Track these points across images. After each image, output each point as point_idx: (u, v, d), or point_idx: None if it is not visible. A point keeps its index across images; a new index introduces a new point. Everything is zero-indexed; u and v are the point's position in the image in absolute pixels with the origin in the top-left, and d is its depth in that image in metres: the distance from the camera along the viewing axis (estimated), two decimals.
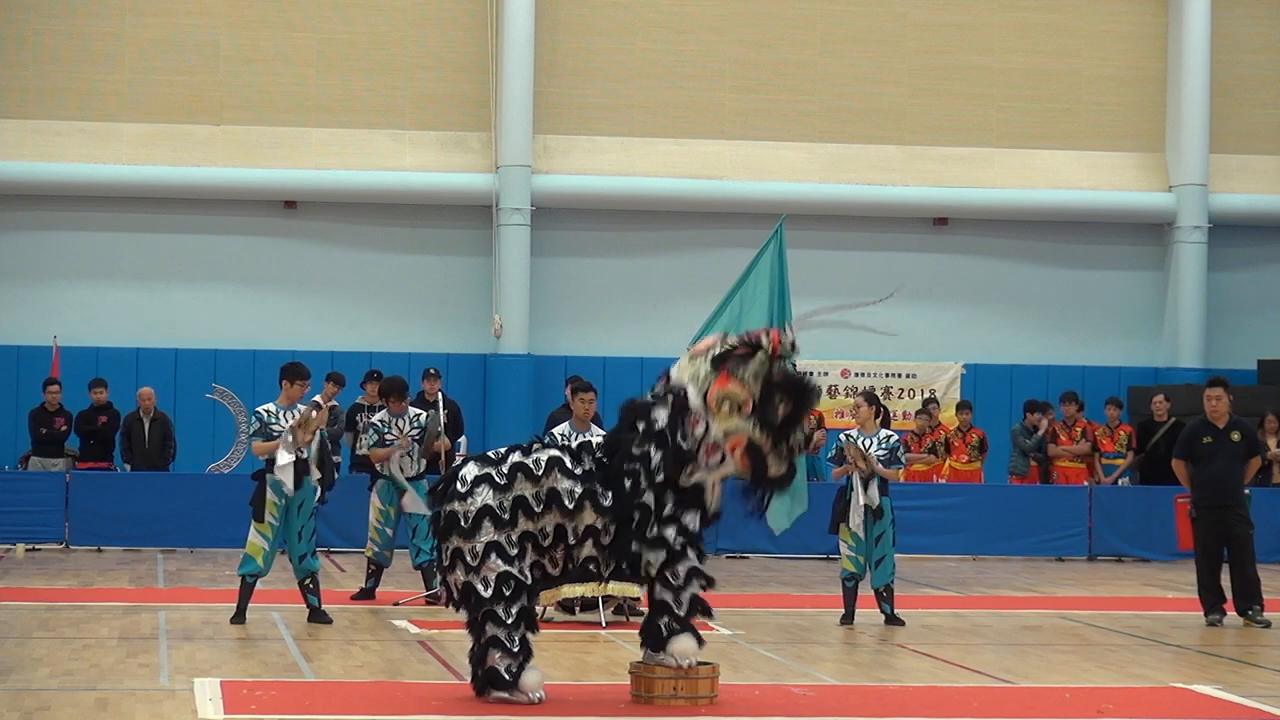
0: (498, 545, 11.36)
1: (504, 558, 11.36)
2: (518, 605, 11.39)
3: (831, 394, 28.05)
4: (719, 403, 11.53)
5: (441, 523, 11.54)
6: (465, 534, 11.39)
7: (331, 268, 27.85)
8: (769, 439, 11.58)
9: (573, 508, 11.45)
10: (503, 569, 11.35)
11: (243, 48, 27.61)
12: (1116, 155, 29.28)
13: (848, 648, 15.38)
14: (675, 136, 28.37)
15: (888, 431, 16.80)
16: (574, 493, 11.46)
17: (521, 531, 11.41)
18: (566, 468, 11.53)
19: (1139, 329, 29.38)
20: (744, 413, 11.56)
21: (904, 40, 28.83)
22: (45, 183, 27.16)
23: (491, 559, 11.35)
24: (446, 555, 11.52)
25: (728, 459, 11.55)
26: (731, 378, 11.58)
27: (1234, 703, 12.32)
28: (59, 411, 24.35)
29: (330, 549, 22.16)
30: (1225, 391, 17.36)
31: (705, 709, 11.49)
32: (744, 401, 11.56)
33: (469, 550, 11.37)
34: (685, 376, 11.70)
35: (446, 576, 11.57)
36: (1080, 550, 24.19)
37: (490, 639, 11.40)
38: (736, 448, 11.53)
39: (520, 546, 11.40)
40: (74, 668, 13.08)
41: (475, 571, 11.36)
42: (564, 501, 11.45)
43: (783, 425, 11.60)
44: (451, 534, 11.46)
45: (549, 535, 11.46)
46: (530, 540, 11.43)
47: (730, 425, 11.54)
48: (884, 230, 28.87)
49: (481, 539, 11.36)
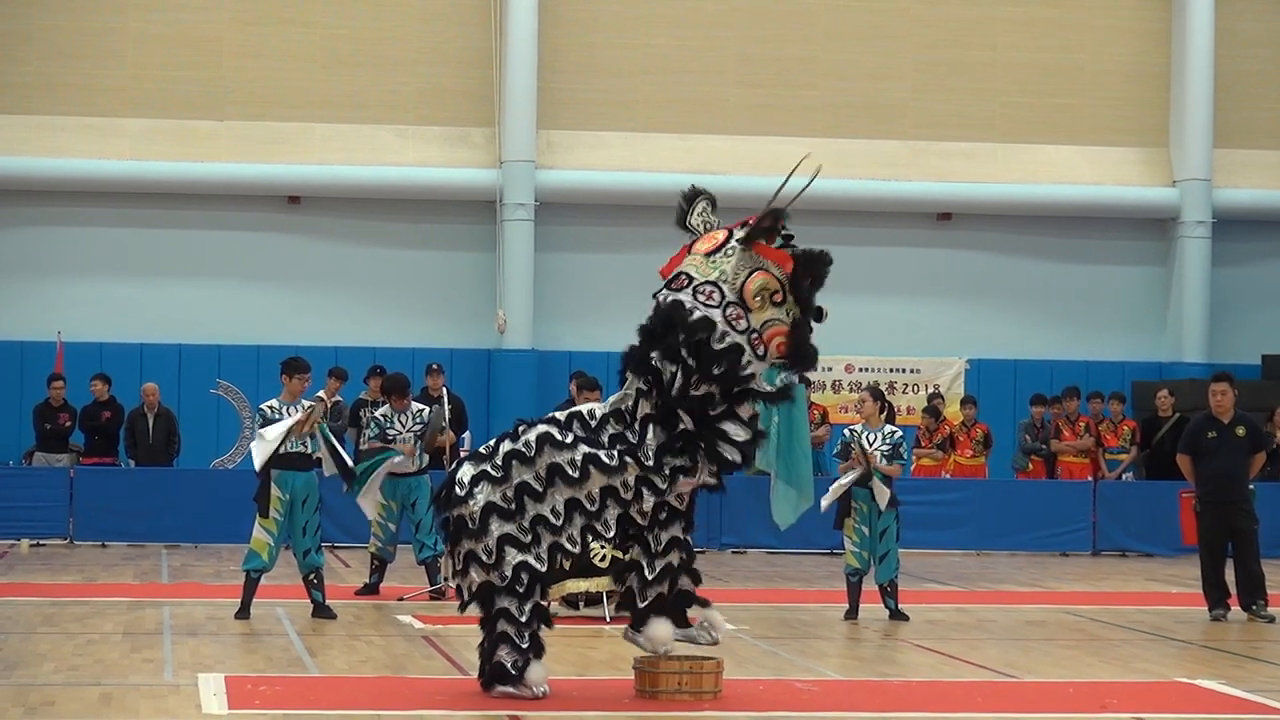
0: (510, 537, 11.30)
1: (518, 547, 11.29)
2: (531, 602, 11.32)
3: (836, 389, 28.05)
4: (755, 295, 11.48)
5: (450, 529, 11.49)
6: (474, 535, 11.32)
7: (335, 263, 27.85)
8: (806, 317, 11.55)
9: (578, 476, 11.38)
10: (519, 559, 11.28)
11: (246, 43, 27.62)
12: (1120, 150, 29.27)
13: (852, 643, 15.38)
14: (679, 132, 28.37)
15: (892, 427, 16.78)
16: (575, 461, 11.39)
17: (532, 517, 11.35)
18: (557, 440, 11.45)
19: (1143, 324, 29.38)
20: (776, 299, 11.52)
21: (907, 35, 28.82)
22: (49, 178, 27.16)
23: (506, 552, 11.30)
24: (459, 559, 11.44)
25: (769, 350, 11.49)
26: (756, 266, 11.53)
27: (1238, 697, 12.32)
28: (63, 407, 24.38)
29: (334, 544, 22.16)
30: (1230, 386, 17.36)
31: (709, 704, 11.48)
32: (776, 290, 11.53)
33: (482, 549, 11.31)
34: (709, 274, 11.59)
35: (461, 581, 11.49)
36: (1084, 545, 24.19)
37: (500, 635, 11.35)
38: (775, 336, 11.48)
39: (533, 533, 11.33)
40: (78, 663, 13.08)
41: (493, 569, 11.29)
42: (568, 473, 11.38)
43: (812, 298, 11.58)
44: (461, 538, 11.40)
45: (560, 513, 11.36)
46: (542, 524, 11.35)
47: (767, 315, 11.49)
48: (887, 225, 28.86)
49: (493, 535, 11.30)
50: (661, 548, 11.52)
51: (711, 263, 11.63)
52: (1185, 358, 28.76)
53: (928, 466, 24.98)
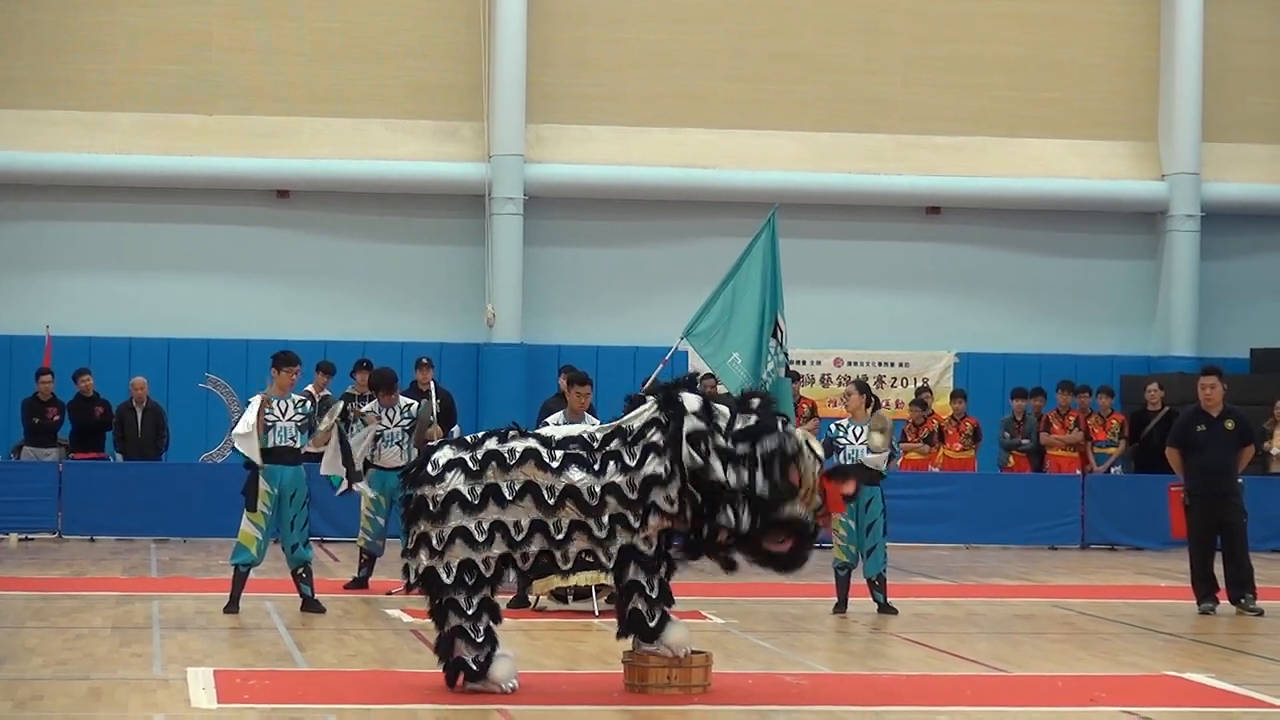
0: (465, 531, 11.27)
1: (470, 544, 11.26)
2: (479, 596, 11.31)
3: (825, 382, 28.06)
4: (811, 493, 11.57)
5: (411, 506, 11.45)
6: (433, 518, 11.30)
7: (324, 257, 27.84)
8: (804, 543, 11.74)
9: (552, 504, 11.32)
10: (466, 556, 11.26)
11: (235, 37, 27.60)
12: (1109, 144, 29.30)
13: (840, 636, 15.38)
14: (668, 126, 28.37)
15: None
16: (553, 489, 11.36)
17: (492, 520, 11.31)
18: (543, 461, 11.40)
19: (1132, 318, 29.40)
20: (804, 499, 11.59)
21: (896, 29, 28.83)
22: (37, 172, 27.12)
23: (457, 545, 11.27)
24: (412, 539, 11.43)
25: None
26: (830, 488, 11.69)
27: (1226, 691, 12.33)
28: (51, 401, 24.36)
29: (323, 538, 22.16)
30: (1219, 380, 17.38)
31: (699, 697, 11.48)
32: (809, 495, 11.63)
33: (435, 535, 11.30)
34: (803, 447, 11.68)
35: (410, 561, 11.45)
36: (1073, 539, 24.22)
37: (454, 629, 11.33)
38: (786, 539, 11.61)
39: (489, 535, 11.29)
40: (67, 657, 13.07)
41: (439, 556, 11.28)
42: (543, 496, 11.31)
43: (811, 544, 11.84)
44: (419, 518, 11.37)
45: (523, 530, 11.30)
46: (500, 530, 11.30)
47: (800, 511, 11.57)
48: (876, 219, 28.87)
49: (449, 524, 11.28)
50: (653, 562, 11.52)
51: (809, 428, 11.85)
52: (1174, 351, 28.79)
53: (914, 460, 24.99)
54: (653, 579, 11.45)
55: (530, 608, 16.10)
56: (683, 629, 11.60)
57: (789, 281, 17.65)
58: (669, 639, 11.50)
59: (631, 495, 11.32)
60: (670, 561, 11.59)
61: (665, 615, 11.51)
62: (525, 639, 14.12)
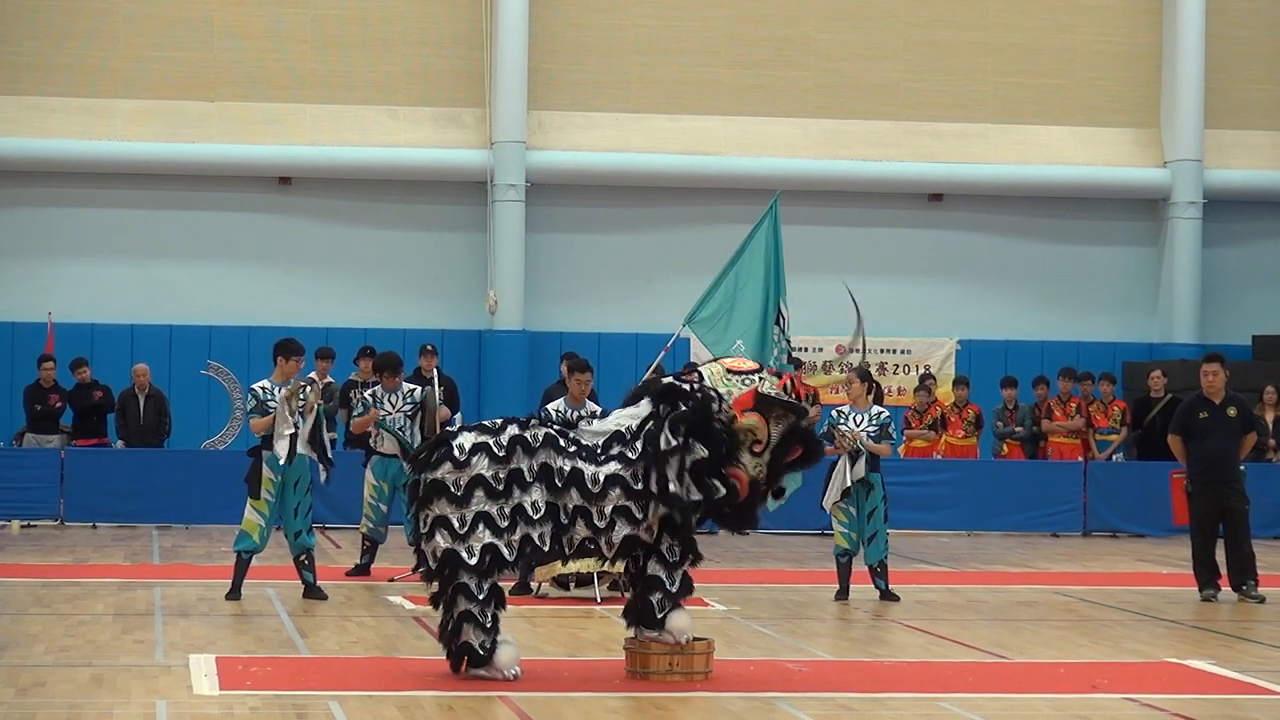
0: (488, 516, 11.29)
1: (493, 530, 11.29)
2: (490, 581, 11.34)
3: (827, 370, 28.06)
4: (741, 431, 11.52)
5: (424, 489, 11.40)
6: (457, 501, 11.29)
7: (326, 244, 27.83)
8: (767, 482, 11.62)
9: (561, 486, 11.37)
10: (489, 540, 11.28)
11: (237, 24, 27.56)
12: (1111, 131, 29.28)
13: (842, 623, 15.40)
14: (670, 112, 28.35)
15: (879, 408, 16.76)
16: (563, 471, 11.39)
17: (514, 505, 11.34)
18: (560, 445, 11.47)
19: (1134, 304, 29.39)
20: (755, 450, 11.55)
21: (899, 16, 28.80)
22: (39, 159, 27.10)
23: (480, 530, 11.29)
24: (426, 522, 11.38)
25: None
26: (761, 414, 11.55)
27: (1228, 677, 12.34)
28: (54, 388, 24.36)
29: (325, 525, 22.18)
30: (1222, 367, 17.38)
31: (700, 684, 11.50)
32: (761, 441, 11.55)
33: (457, 518, 11.29)
34: (718, 384, 11.64)
35: (425, 545, 11.41)
36: (1075, 526, 24.21)
37: (463, 614, 11.33)
38: (734, 477, 11.51)
39: (511, 519, 11.32)
40: (69, 644, 13.08)
41: (461, 540, 11.28)
42: (554, 479, 11.37)
43: (781, 470, 11.66)
44: (438, 500, 11.32)
45: (540, 509, 11.35)
46: (520, 514, 11.33)
47: (739, 454, 11.53)
48: (879, 206, 28.85)
49: (473, 508, 11.29)
50: (677, 557, 11.54)
51: (727, 379, 11.64)
52: (1176, 338, 28.78)
53: (919, 447, 24.99)
54: (674, 574, 11.51)
55: (533, 594, 16.12)
56: (685, 616, 11.63)
57: (791, 268, 17.66)
58: (671, 625, 11.53)
59: (638, 485, 11.36)
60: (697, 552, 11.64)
61: (676, 605, 11.55)
62: (528, 625, 14.14)
